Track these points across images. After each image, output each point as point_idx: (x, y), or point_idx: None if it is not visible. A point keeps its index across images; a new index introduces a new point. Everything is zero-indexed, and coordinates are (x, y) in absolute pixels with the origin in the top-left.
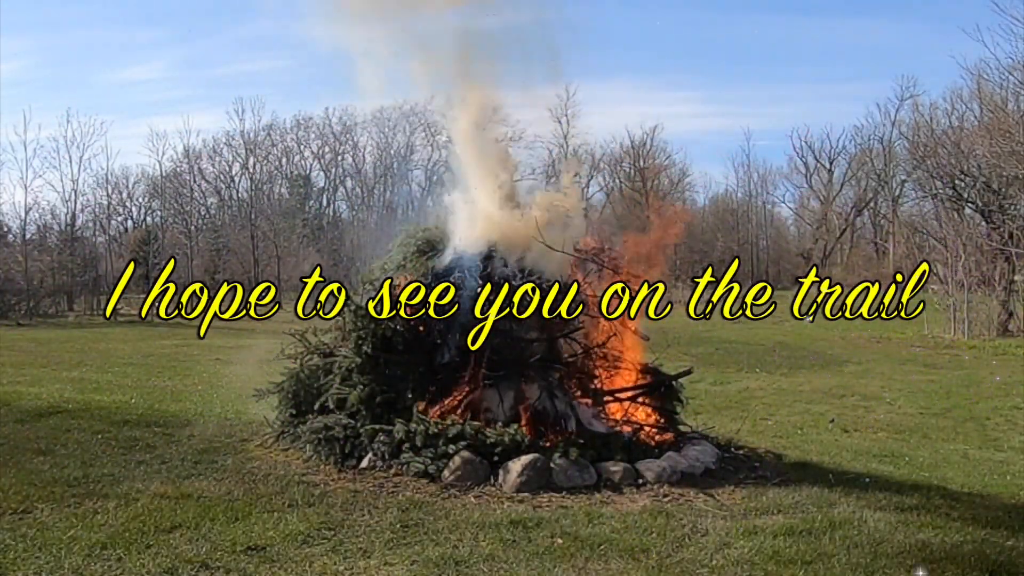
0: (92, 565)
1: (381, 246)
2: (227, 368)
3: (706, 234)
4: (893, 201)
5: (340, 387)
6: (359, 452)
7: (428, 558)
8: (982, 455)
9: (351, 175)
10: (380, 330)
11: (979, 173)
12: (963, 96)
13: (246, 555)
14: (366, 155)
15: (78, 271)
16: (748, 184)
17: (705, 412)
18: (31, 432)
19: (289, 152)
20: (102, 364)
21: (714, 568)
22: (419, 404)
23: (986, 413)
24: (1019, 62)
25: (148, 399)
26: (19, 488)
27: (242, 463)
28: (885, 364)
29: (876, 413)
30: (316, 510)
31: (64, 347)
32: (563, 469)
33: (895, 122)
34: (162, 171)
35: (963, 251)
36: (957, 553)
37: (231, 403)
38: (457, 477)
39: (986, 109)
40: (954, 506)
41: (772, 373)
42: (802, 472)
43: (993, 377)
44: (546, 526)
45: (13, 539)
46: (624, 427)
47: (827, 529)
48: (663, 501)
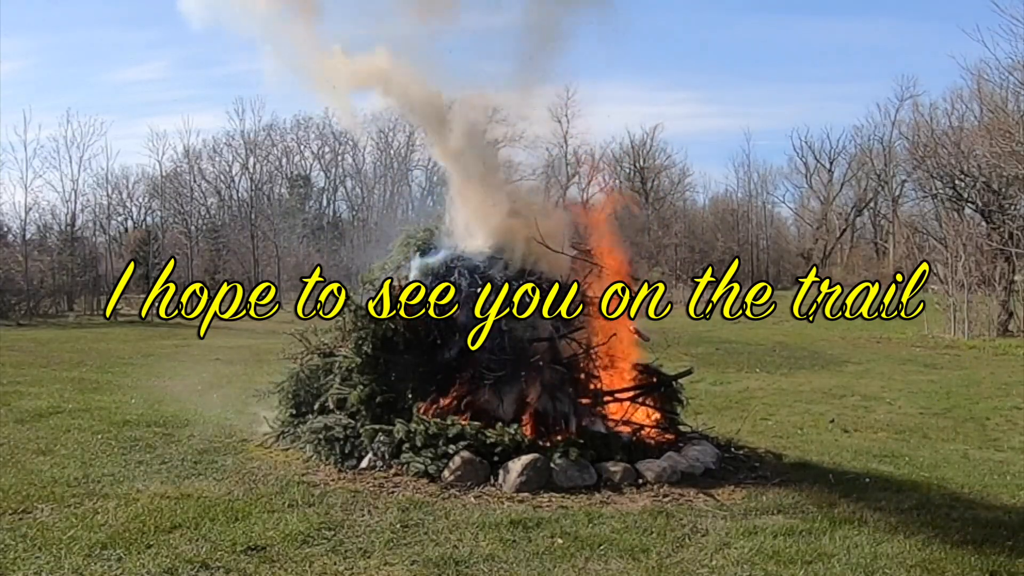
0: (92, 565)
1: (381, 246)
2: (227, 368)
3: (706, 234)
4: (893, 201)
5: (340, 387)
6: (359, 452)
7: (428, 558)
8: (982, 455)
9: (351, 175)
10: (380, 330)
11: (979, 173)
12: (963, 96)
13: (246, 555)
14: (366, 155)
15: (78, 271)
16: (748, 184)
17: (705, 412)
18: (31, 432)
19: (289, 152)
20: (102, 364)
21: (714, 568)
22: (419, 404)
23: (986, 413)
24: (1019, 62)
25: (148, 399)
26: (19, 488)
27: (242, 463)
28: (885, 364)
29: (876, 413)
30: (316, 510)
31: (64, 347)
32: (563, 469)
33: (895, 122)
34: (162, 171)
35: (963, 251)
36: (957, 553)
37: (231, 403)
38: (457, 477)
39: (986, 109)
40: (954, 506)
41: (772, 373)
42: (802, 472)
43: (995, 377)
44: (546, 526)
45: (13, 539)
46: (624, 427)
47: (827, 529)
48: (663, 501)
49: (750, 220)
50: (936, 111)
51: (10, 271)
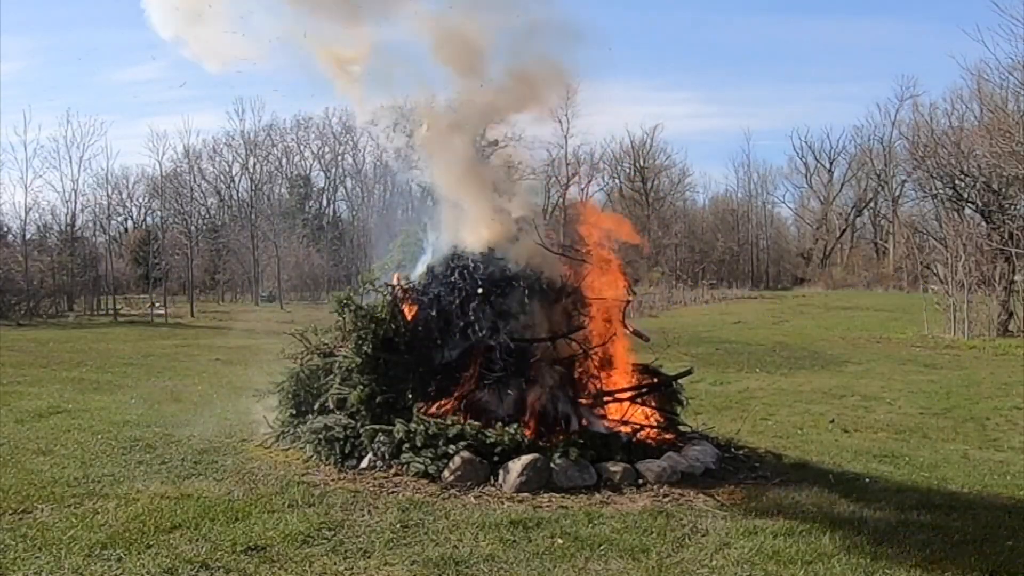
0: (92, 565)
1: (381, 246)
2: (227, 368)
3: (706, 234)
4: (893, 201)
5: (340, 387)
6: (359, 452)
7: (428, 558)
8: (982, 455)
9: (351, 175)
10: (380, 330)
11: (979, 173)
12: (963, 96)
13: (246, 555)
14: (366, 155)
15: (78, 271)
16: (748, 184)
17: (705, 412)
18: (31, 432)
19: (289, 152)
20: (102, 364)
21: (714, 568)
22: (419, 404)
23: (986, 413)
24: (1019, 62)
25: (148, 399)
26: (19, 488)
27: (242, 463)
28: (885, 364)
29: (876, 413)
30: (316, 510)
31: (64, 347)
32: (563, 469)
33: (895, 122)
34: (162, 171)
35: (963, 251)
36: (957, 553)
37: (231, 403)
38: (457, 477)
39: (986, 109)
40: (954, 506)
41: (772, 373)
42: (802, 472)
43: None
44: (546, 526)
45: (13, 539)
46: (624, 427)
47: (827, 529)
48: (663, 501)
49: (750, 220)
50: (936, 111)
51: (10, 271)
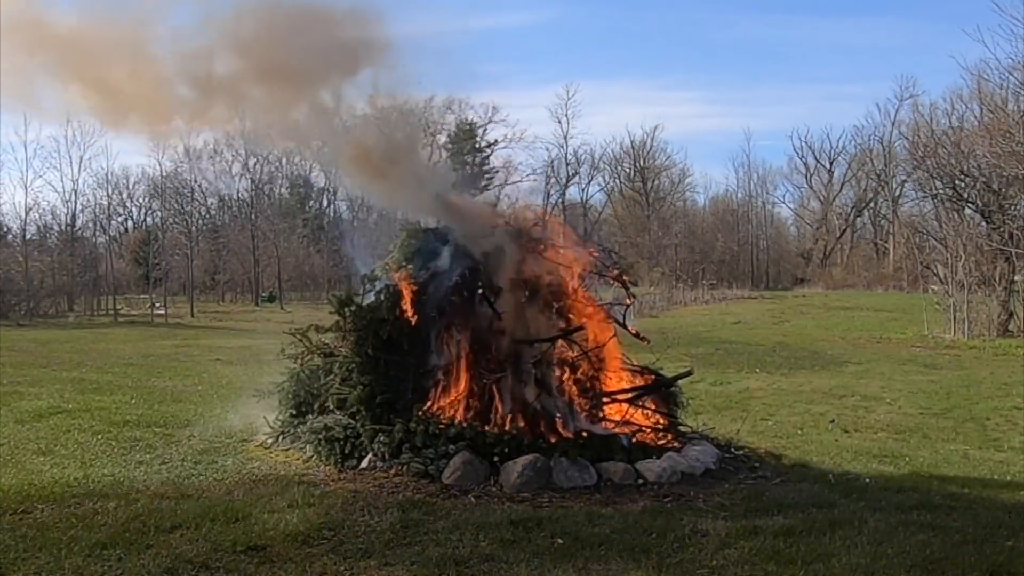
0: (92, 565)
1: (381, 246)
2: (227, 368)
3: (706, 234)
4: (893, 201)
5: (340, 387)
6: (359, 452)
7: (428, 558)
8: (982, 455)
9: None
10: (380, 330)
11: (979, 173)
12: (963, 96)
13: (246, 555)
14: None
15: (78, 271)
16: (748, 184)
17: (705, 412)
18: (31, 432)
19: (289, 152)
20: (102, 364)
21: (714, 568)
22: (419, 404)
23: (986, 413)
24: (1019, 62)
25: (148, 399)
26: (19, 488)
27: (242, 463)
28: (885, 364)
29: (876, 413)
30: (316, 510)
31: (64, 347)
32: (563, 469)
33: (895, 122)
34: (162, 171)
35: (963, 251)
36: (957, 553)
37: (231, 403)
38: (457, 477)
39: (986, 109)
40: (954, 506)
41: (772, 373)
42: (802, 472)
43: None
44: (546, 526)
45: (13, 539)
46: (624, 428)
47: (827, 529)
48: (663, 501)
49: (750, 220)
50: (936, 111)
51: (10, 271)
